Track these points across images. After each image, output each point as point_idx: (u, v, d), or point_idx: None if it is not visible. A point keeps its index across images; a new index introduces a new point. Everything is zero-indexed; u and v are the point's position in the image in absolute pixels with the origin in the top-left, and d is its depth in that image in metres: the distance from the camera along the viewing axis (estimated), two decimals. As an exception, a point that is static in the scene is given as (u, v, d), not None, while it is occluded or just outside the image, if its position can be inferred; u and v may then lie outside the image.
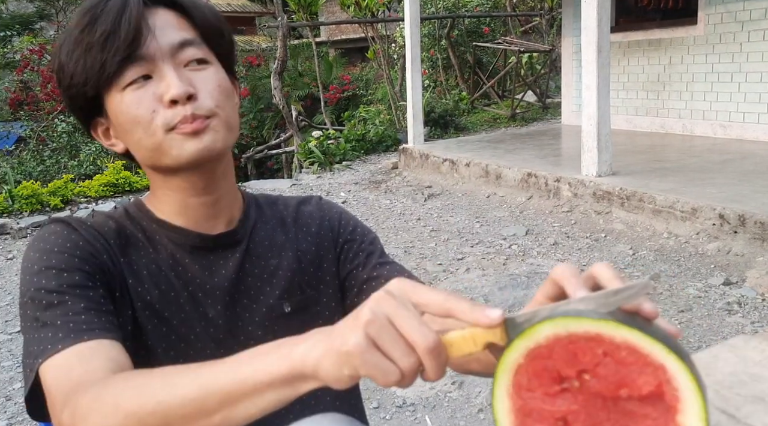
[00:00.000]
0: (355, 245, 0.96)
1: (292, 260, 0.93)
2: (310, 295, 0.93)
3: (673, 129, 6.78)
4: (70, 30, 0.80)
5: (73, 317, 0.72)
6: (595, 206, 4.76)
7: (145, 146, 0.81)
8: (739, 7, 5.95)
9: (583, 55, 4.78)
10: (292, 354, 0.54)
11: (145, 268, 0.84)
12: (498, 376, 0.51)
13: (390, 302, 0.51)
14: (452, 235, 4.71)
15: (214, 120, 0.80)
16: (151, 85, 0.79)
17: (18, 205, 5.76)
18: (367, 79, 11.49)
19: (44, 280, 0.76)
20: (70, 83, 0.80)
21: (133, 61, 0.77)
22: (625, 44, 7.15)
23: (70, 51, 0.78)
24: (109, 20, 0.76)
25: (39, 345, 0.72)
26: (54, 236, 0.80)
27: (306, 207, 0.99)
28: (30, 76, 8.78)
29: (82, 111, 0.84)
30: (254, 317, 0.88)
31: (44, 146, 7.72)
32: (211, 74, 0.82)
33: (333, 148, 7.81)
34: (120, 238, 0.85)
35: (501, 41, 10.02)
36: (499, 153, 6.37)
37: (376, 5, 9.23)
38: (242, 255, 0.89)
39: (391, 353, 0.50)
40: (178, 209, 0.87)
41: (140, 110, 0.78)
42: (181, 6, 0.82)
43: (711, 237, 3.97)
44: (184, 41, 0.80)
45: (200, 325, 0.85)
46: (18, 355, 3.29)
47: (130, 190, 6.34)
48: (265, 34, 15.73)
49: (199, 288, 0.86)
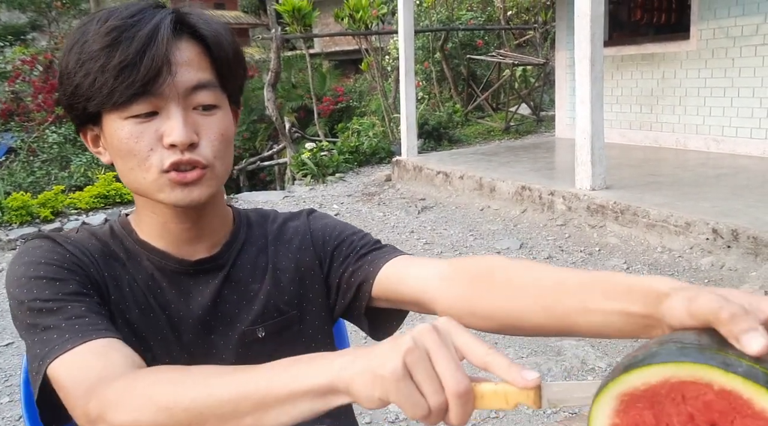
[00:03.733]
0: (344, 247, 0.93)
1: (268, 282, 0.91)
2: (290, 315, 0.91)
3: (666, 143, 6.80)
4: (88, 37, 0.76)
5: (76, 320, 0.72)
6: (589, 220, 4.75)
7: (134, 178, 0.79)
8: (731, 23, 6.00)
9: (577, 69, 4.80)
10: (330, 367, 0.54)
11: (128, 286, 0.84)
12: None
13: (433, 337, 0.51)
14: (446, 248, 4.68)
15: (208, 172, 0.79)
16: (154, 122, 0.77)
17: (7, 216, 5.70)
18: (360, 90, 11.50)
19: (36, 290, 0.74)
20: (73, 92, 0.77)
21: (144, 97, 0.75)
22: (619, 58, 7.19)
23: (82, 62, 0.75)
24: (132, 50, 0.73)
25: (44, 347, 0.71)
26: (39, 250, 0.79)
27: (293, 222, 0.97)
28: (21, 86, 8.73)
29: (77, 117, 0.82)
30: (228, 344, 0.88)
31: (35, 157, 7.66)
32: (217, 121, 0.80)
33: (326, 160, 7.79)
34: (103, 254, 0.84)
35: (495, 54, 10.07)
36: (493, 166, 6.37)
37: (370, 18, 9.26)
38: (221, 281, 0.88)
39: (422, 388, 0.50)
40: (160, 232, 0.86)
41: (139, 145, 0.77)
42: (205, 41, 0.79)
43: (705, 251, 3.96)
44: (200, 84, 0.78)
45: (176, 348, 0.85)
46: (6, 369, 3.24)
47: (121, 201, 6.28)
48: (258, 46, 15.76)
49: (176, 313, 0.86)
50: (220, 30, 0.80)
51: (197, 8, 0.82)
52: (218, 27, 0.81)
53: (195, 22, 0.79)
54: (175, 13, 0.78)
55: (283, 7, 9.11)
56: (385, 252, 0.91)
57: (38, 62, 8.95)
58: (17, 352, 3.41)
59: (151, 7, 0.78)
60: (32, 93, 8.47)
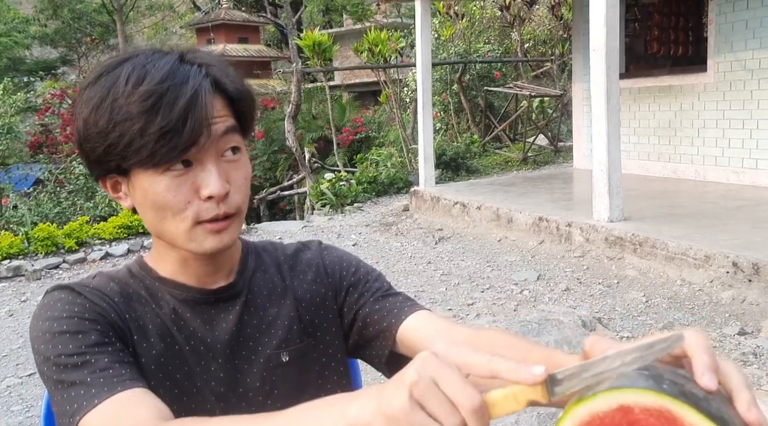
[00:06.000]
0: (360, 286, 0.97)
1: (290, 308, 0.95)
2: (307, 342, 0.95)
3: (685, 174, 6.77)
4: (118, 95, 0.76)
5: (101, 373, 0.74)
6: (607, 252, 4.73)
7: (166, 228, 0.83)
8: (749, 56, 6.01)
9: (593, 102, 4.83)
10: (346, 413, 0.55)
11: (151, 323, 0.86)
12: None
13: (434, 363, 0.52)
14: (463, 280, 4.68)
15: (236, 219, 0.84)
16: (190, 175, 0.80)
17: (34, 246, 5.83)
18: (379, 121, 11.64)
19: (61, 346, 0.76)
20: (106, 151, 0.78)
21: (184, 154, 0.78)
22: (636, 90, 7.21)
23: (115, 123, 0.76)
24: (174, 115, 0.75)
25: (73, 403, 0.72)
26: (60, 303, 0.81)
27: (305, 253, 1.01)
28: (51, 119, 9.00)
29: (103, 169, 0.83)
30: (253, 369, 0.90)
31: (61, 188, 7.86)
32: (242, 165, 0.85)
33: (345, 190, 7.86)
34: (123, 296, 0.87)
35: (512, 86, 10.16)
36: (510, 196, 6.39)
37: (389, 51, 9.43)
38: (241, 307, 0.92)
39: (436, 414, 0.50)
40: (180, 268, 0.90)
41: (176, 198, 0.80)
42: (229, 94, 0.83)
43: (725, 285, 3.92)
44: (227, 129, 0.82)
45: (202, 378, 0.87)
46: (28, 399, 3.29)
47: (143, 232, 6.40)
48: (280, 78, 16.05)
49: (201, 342, 0.88)
50: (241, 83, 0.86)
51: (207, 54, 0.85)
52: (238, 80, 0.85)
53: (221, 78, 0.82)
54: (210, 76, 0.81)
55: (304, 42, 9.34)
56: (404, 301, 0.95)
57: (67, 95, 9.23)
58: (39, 382, 3.47)
59: (178, 60, 0.80)
60: (61, 125, 8.72)
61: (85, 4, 19.25)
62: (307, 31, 10.09)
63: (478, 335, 0.85)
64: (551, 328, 3.60)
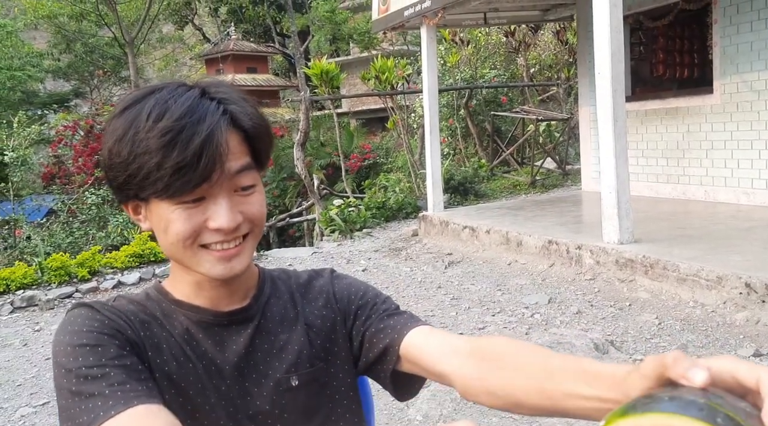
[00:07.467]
0: (368, 308, 1.00)
1: (300, 334, 0.97)
2: (318, 367, 0.97)
3: (695, 196, 6.75)
4: (139, 129, 0.80)
5: (119, 387, 0.76)
6: (618, 274, 4.71)
7: (177, 251, 0.87)
8: (754, 77, 6.04)
9: (599, 126, 4.86)
10: None
11: (165, 342, 0.90)
12: None
13: None
14: (473, 304, 4.67)
15: (246, 243, 0.88)
16: (201, 207, 0.84)
17: (47, 276, 5.88)
18: (387, 147, 11.75)
19: (81, 358, 0.79)
20: (126, 180, 0.82)
21: (197, 188, 0.81)
22: (643, 113, 7.25)
23: (135, 155, 0.79)
24: (190, 152, 0.78)
25: (89, 414, 0.74)
26: (81, 319, 0.84)
27: (317, 281, 1.04)
28: (63, 150, 9.13)
29: (124, 196, 0.87)
30: (262, 391, 0.92)
31: (74, 218, 7.94)
32: (256, 199, 0.88)
33: (353, 216, 7.90)
34: (140, 316, 0.90)
35: (519, 110, 10.23)
36: (519, 220, 6.39)
37: (396, 78, 9.54)
38: (253, 331, 0.94)
39: None
40: (194, 291, 0.93)
41: (186, 227, 0.84)
42: (246, 131, 0.86)
43: (738, 306, 3.88)
44: (242, 168, 0.85)
45: (214, 396, 0.90)
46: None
47: (155, 260, 6.44)
48: (288, 106, 16.25)
49: (212, 362, 0.91)
50: (259, 119, 0.88)
51: (228, 88, 0.88)
52: (256, 116, 0.88)
53: (238, 115, 0.85)
54: (228, 113, 0.84)
55: (312, 71, 9.47)
56: (408, 319, 0.97)
57: (80, 127, 9.38)
58: (53, 411, 3.47)
59: (198, 96, 0.83)
60: (73, 156, 8.85)
61: (97, 38, 19.67)
62: (314, 60, 10.25)
63: (483, 346, 0.87)
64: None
